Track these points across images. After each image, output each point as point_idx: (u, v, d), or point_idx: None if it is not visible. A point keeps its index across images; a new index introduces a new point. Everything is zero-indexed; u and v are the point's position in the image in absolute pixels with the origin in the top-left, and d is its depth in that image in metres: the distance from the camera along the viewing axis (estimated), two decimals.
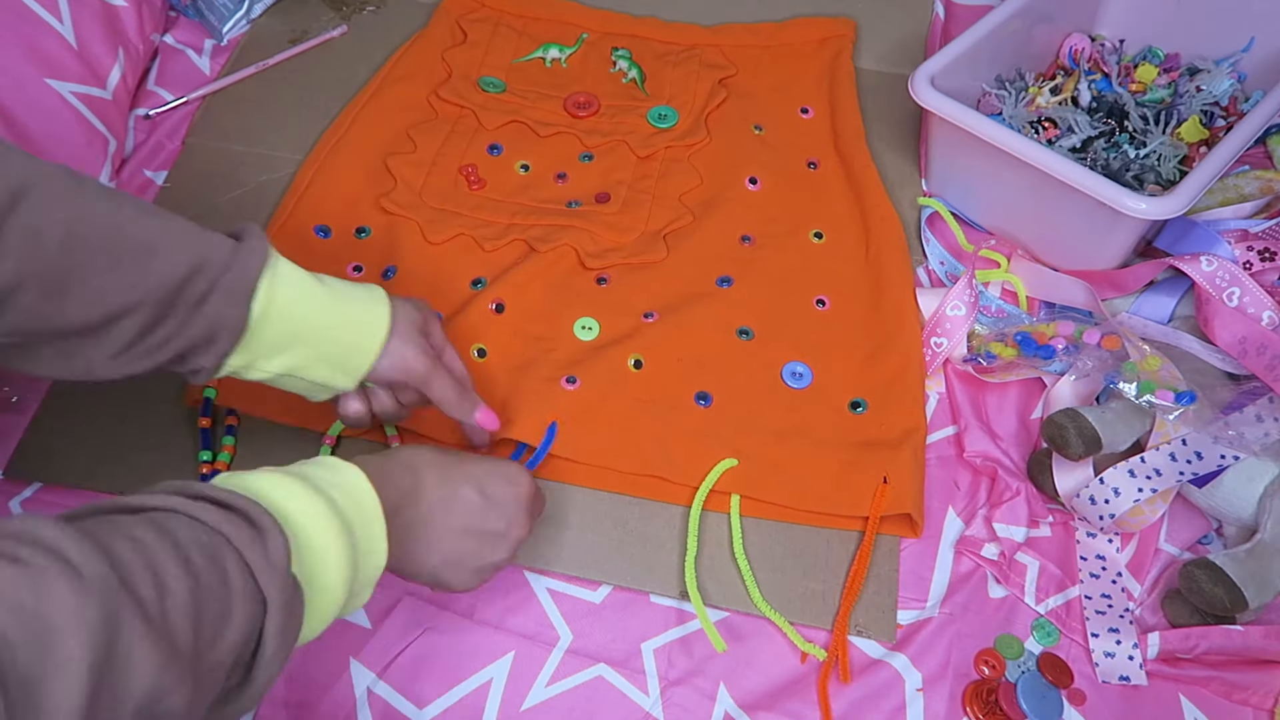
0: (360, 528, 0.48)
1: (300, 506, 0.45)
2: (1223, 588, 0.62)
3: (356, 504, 0.48)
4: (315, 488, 0.46)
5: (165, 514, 0.40)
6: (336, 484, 0.48)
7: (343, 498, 0.47)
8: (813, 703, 0.63)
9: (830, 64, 0.98)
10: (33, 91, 0.80)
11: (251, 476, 0.46)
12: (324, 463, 0.49)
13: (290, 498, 0.45)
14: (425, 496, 0.54)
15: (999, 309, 0.81)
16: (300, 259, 0.80)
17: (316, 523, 0.45)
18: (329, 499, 0.46)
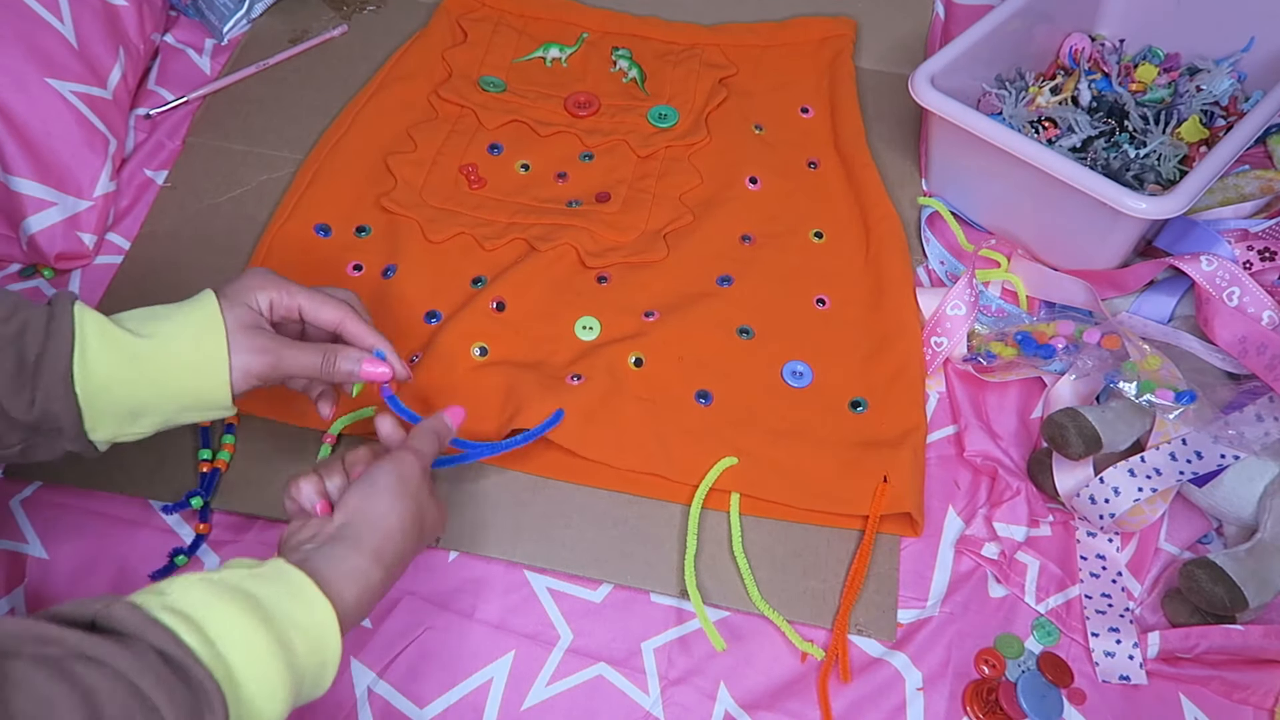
0: (310, 680, 0.46)
1: (259, 678, 0.42)
2: (1223, 587, 0.62)
3: (319, 657, 0.45)
4: (280, 641, 0.43)
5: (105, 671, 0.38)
6: (302, 625, 0.45)
7: (304, 647, 0.45)
8: (813, 702, 0.63)
9: (830, 63, 0.98)
10: (33, 91, 0.80)
11: (218, 610, 0.42)
12: (298, 589, 0.46)
13: (252, 664, 0.42)
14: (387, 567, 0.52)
15: (999, 308, 0.81)
16: (301, 258, 0.81)
17: (270, 695, 0.42)
18: (289, 654, 0.43)
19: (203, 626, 0.41)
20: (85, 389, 0.52)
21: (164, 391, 0.55)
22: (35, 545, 0.68)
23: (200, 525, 0.69)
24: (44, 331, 0.52)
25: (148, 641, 0.39)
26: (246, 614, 0.43)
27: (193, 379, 0.55)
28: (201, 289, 0.80)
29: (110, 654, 0.38)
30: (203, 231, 0.85)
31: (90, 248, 0.83)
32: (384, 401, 0.63)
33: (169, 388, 0.55)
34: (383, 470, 0.54)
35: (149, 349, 0.54)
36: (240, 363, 0.56)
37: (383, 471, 0.54)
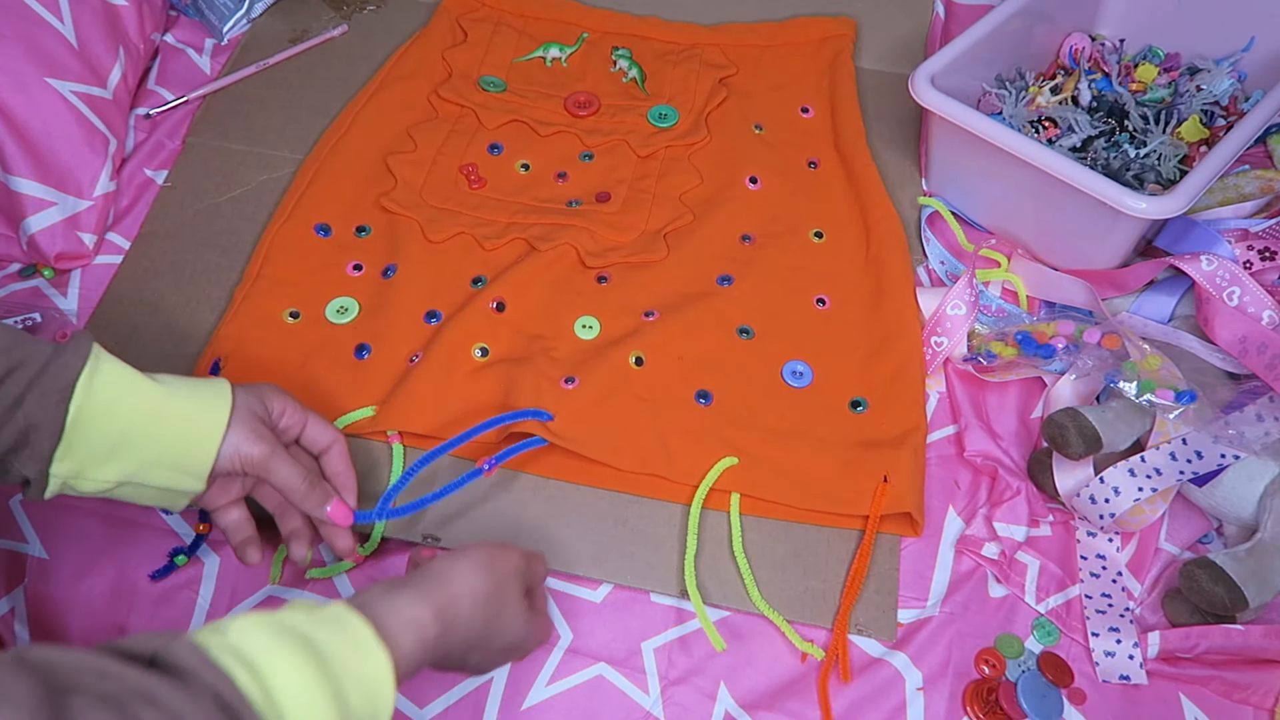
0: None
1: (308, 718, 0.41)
2: (1223, 587, 0.62)
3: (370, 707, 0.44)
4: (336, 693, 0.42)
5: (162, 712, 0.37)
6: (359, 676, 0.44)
7: (358, 701, 0.43)
8: (813, 702, 0.63)
9: (830, 63, 0.98)
10: (33, 91, 0.80)
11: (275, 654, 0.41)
12: (358, 639, 0.45)
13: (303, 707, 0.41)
14: (442, 661, 0.51)
15: (999, 308, 0.81)
16: (300, 258, 0.81)
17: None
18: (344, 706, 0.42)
19: (262, 673, 0.40)
20: (80, 405, 0.52)
21: (153, 432, 0.55)
22: (35, 545, 0.68)
23: (200, 525, 0.69)
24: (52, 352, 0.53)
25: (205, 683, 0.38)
26: (306, 663, 0.42)
27: (184, 431, 0.55)
28: (202, 289, 0.81)
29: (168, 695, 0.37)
30: (203, 231, 0.85)
31: (90, 247, 0.83)
32: None
33: (158, 431, 0.55)
34: (475, 545, 0.54)
35: (156, 390, 0.55)
36: (235, 440, 0.57)
37: (474, 545, 0.54)
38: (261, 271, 0.81)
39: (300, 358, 0.76)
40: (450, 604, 0.50)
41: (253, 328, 0.77)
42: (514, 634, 0.54)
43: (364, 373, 0.75)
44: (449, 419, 0.72)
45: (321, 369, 0.75)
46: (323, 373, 0.75)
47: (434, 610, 0.49)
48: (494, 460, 0.67)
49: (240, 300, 0.79)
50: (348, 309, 0.79)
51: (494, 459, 0.67)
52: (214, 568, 0.68)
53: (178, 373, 0.58)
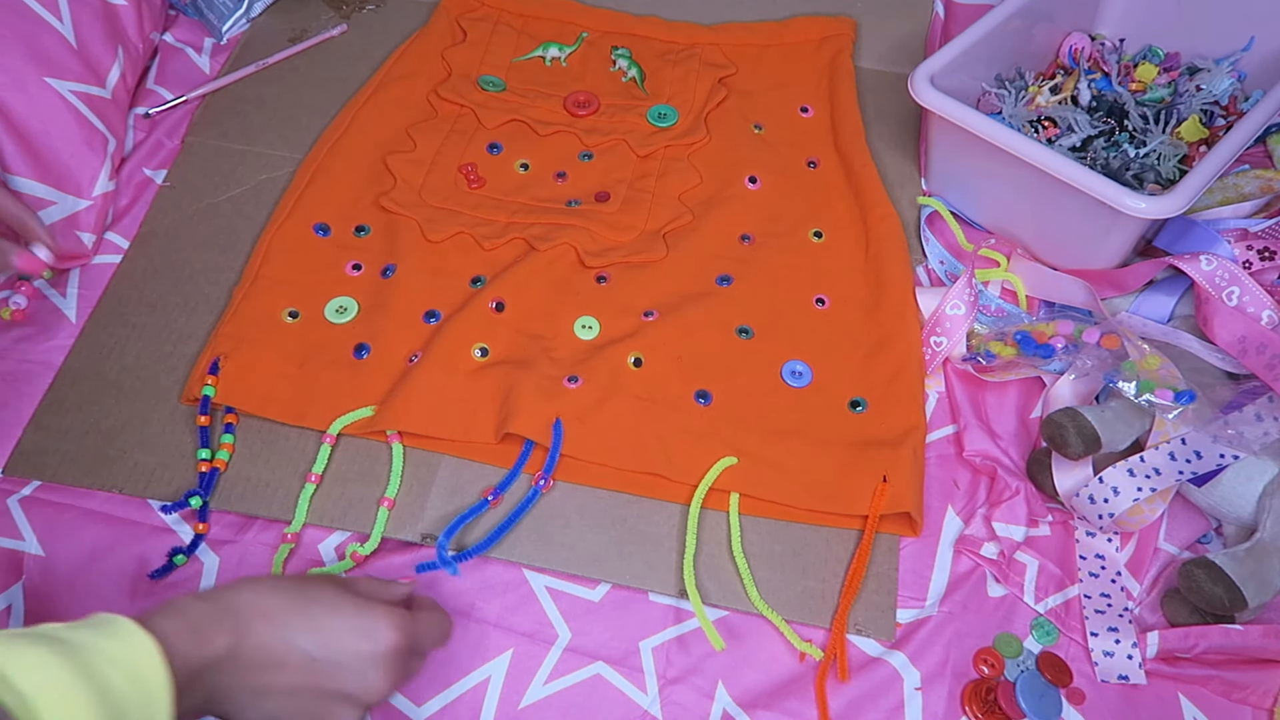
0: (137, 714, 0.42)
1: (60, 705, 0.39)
2: (1222, 587, 0.62)
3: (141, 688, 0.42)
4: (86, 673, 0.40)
5: None
6: (118, 662, 0.42)
7: (120, 678, 0.41)
8: (811, 701, 0.63)
9: (830, 63, 0.98)
10: (32, 90, 0.80)
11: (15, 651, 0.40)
12: (116, 629, 0.43)
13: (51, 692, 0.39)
14: (246, 653, 0.47)
15: (999, 308, 0.81)
16: (299, 258, 0.82)
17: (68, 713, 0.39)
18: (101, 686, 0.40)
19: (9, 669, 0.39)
20: None
21: None
22: (32, 543, 0.68)
23: (199, 525, 0.69)
24: None
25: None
26: (44, 649, 0.41)
27: None
28: (201, 288, 0.81)
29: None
30: (202, 231, 0.85)
31: (89, 247, 0.83)
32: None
33: None
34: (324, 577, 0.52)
35: None
36: None
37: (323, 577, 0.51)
38: (260, 271, 0.81)
39: (299, 357, 0.76)
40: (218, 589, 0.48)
41: (252, 327, 0.77)
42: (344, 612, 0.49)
43: (363, 372, 0.75)
44: (448, 419, 0.72)
45: (320, 369, 0.75)
46: (322, 372, 0.75)
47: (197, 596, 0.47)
48: (545, 474, 0.69)
49: (239, 300, 0.79)
50: (347, 309, 0.79)
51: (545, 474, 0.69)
52: (213, 567, 0.68)
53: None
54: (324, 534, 0.70)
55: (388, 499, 0.70)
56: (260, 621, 0.48)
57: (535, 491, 0.69)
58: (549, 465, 0.69)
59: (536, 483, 0.70)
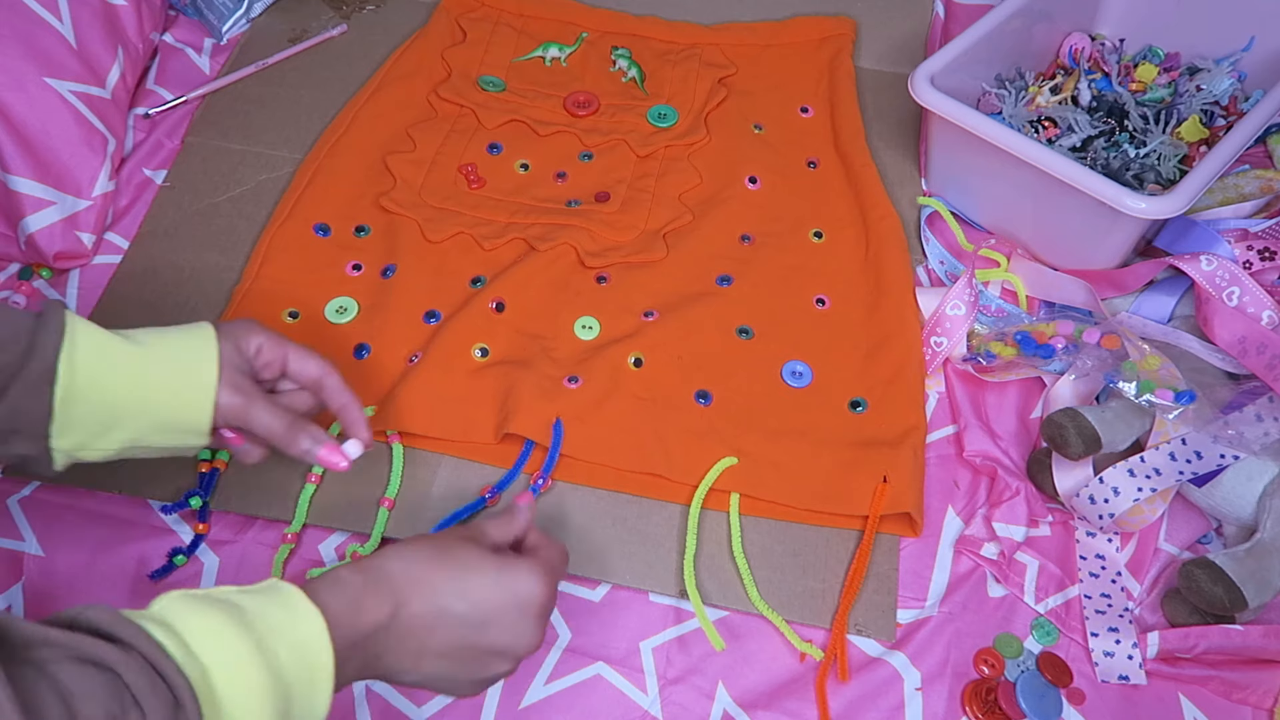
0: (302, 692, 0.43)
1: (235, 679, 0.40)
2: (1222, 587, 0.62)
3: (307, 666, 0.43)
4: (259, 646, 0.41)
5: (94, 669, 0.37)
6: (288, 637, 0.43)
7: (289, 655, 0.43)
8: (811, 701, 0.63)
9: (830, 63, 0.98)
10: (32, 90, 0.80)
11: (195, 616, 0.41)
12: (286, 600, 0.44)
13: (227, 665, 0.40)
14: (403, 621, 0.48)
15: (999, 308, 0.81)
16: (300, 258, 0.81)
17: (248, 701, 0.40)
18: (272, 661, 0.42)
19: (176, 628, 0.40)
20: (66, 387, 0.51)
21: (145, 401, 0.53)
22: (32, 543, 0.68)
23: (199, 525, 0.69)
24: (30, 327, 0.51)
25: (125, 639, 0.38)
26: (224, 619, 0.42)
27: (177, 393, 0.54)
28: (201, 289, 0.81)
29: (96, 650, 0.38)
30: (202, 231, 0.85)
31: (89, 247, 0.83)
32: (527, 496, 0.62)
33: (151, 398, 0.53)
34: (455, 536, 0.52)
35: (140, 355, 0.53)
36: (218, 394, 0.55)
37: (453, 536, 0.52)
38: (261, 271, 0.81)
39: None
40: (369, 558, 0.49)
41: None
42: (486, 571, 0.50)
43: (363, 373, 0.75)
44: (449, 419, 0.72)
45: None
46: None
47: (352, 567, 0.48)
48: (544, 474, 0.69)
49: (239, 300, 0.79)
50: (347, 309, 0.79)
51: (544, 474, 0.69)
52: (213, 567, 0.68)
53: None
54: (324, 534, 0.70)
55: (388, 499, 0.70)
56: (414, 589, 0.48)
57: (533, 490, 0.69)
58: (548, 465, 0.70)
59: (534, 482, 0.70)
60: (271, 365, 0.59)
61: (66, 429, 0.52)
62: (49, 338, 0.51)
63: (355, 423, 0.60)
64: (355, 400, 0.61)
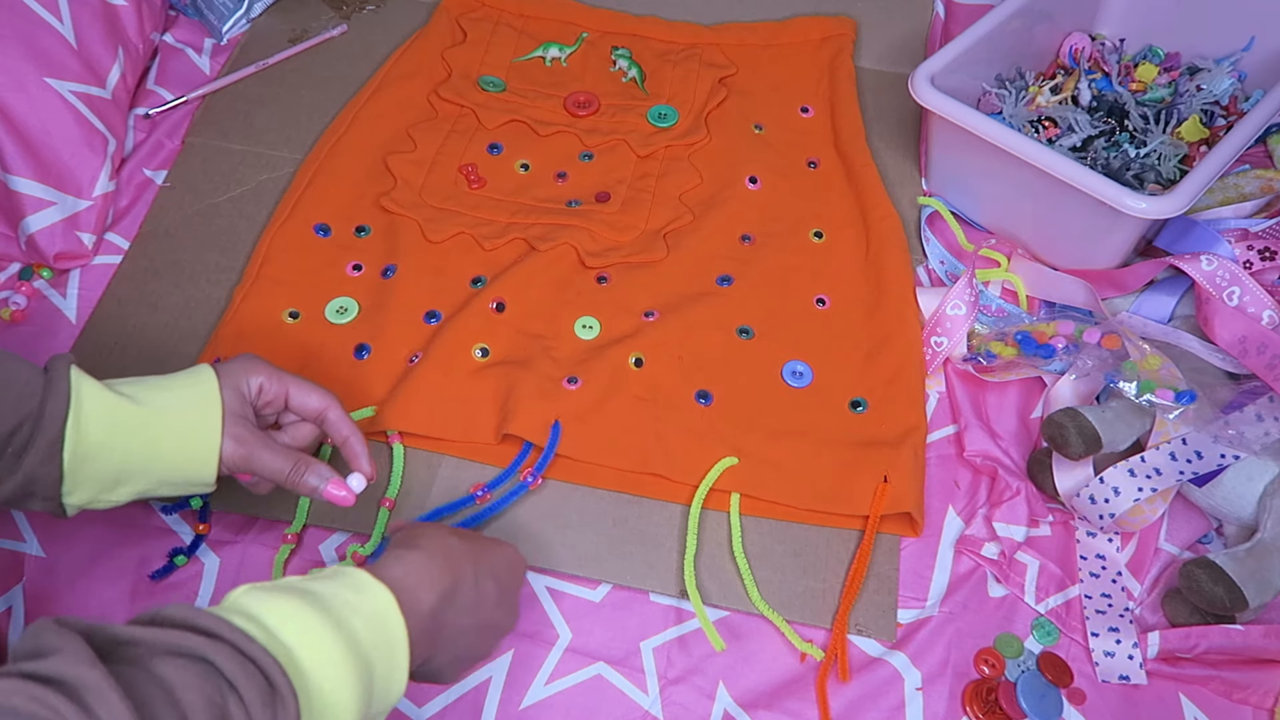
0: (382, 664, 0.45)
1: (320, 657, 0.41)
2: (1223, 587, 0.62)
3: (384, 638, 0.45)
4: (337, 624, 0.43)
5: (186, 660, 0.38)
6: (363, 612, 0.45)
7: (366, 630, 0.44)
8: (812, 701, 0.63)
9: (830, 63, 0.98)
10: (32, 90, 0.80)
11: (271, 602, 0.42)
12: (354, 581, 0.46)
13: (311, 645, 0.42)
14: (457, 597, 0.51)
15: (999, 308, 0.81)
16: (300, 258, 0.81)
17: (335, 675, 0.42)
18: (351, 637, 0.43)
19: (257, 615, 0.41)
20: (74, 454, 0.52)
21: (152, 460, 0.55)
22: (33, 544, 0.68)
23: (200, 525, 0.69)
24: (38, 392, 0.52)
25: (210, 630, 0.39)
26: (300, 602, 0.43)
27: (183, 453, 0.55)
28: (201, 289, 0.81)
29: (187, 642, 0.38)
30: (202, 231, 0.85)
31: (89, 247, 0.83)
32: None
33: (157, 457, 0.55)
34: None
35: (144, 417, 0.54)
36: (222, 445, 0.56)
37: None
38: (261, 271, 0.81)
39: (300, 358, 0.76)
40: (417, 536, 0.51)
41: (252, 328, 0.77)
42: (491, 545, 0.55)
43: (364, 373, 0.75)
44: (449, 419, 0.72)
45: (321, 369, 0.75)
46: (322, 373, 0.75)
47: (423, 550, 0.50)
48: (537, 470, 0.69)
49: (240, 300, 0.79)
50: (347, 309, 0.79)
51: (536, 470, 0.69)
52: (214, 567, 0.68)
53: None
54: (324, 534, 0.70)
55: (388, 499, 0.70)
56: (463, 563, 0.51)
57: (522, 486, 0.69)
58: (541, 463, 0.69)
59: (525, 478, 0.70)
60: (273, 403, 0.61)
61: (77, 488, 0.54)
62: (56, 406, 0.52)
63: (358, 456, 0.62)
64: (357, 432, 0.62)
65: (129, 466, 0.54)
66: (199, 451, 0.56)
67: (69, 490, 0.53)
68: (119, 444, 0.53)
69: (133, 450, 0.54)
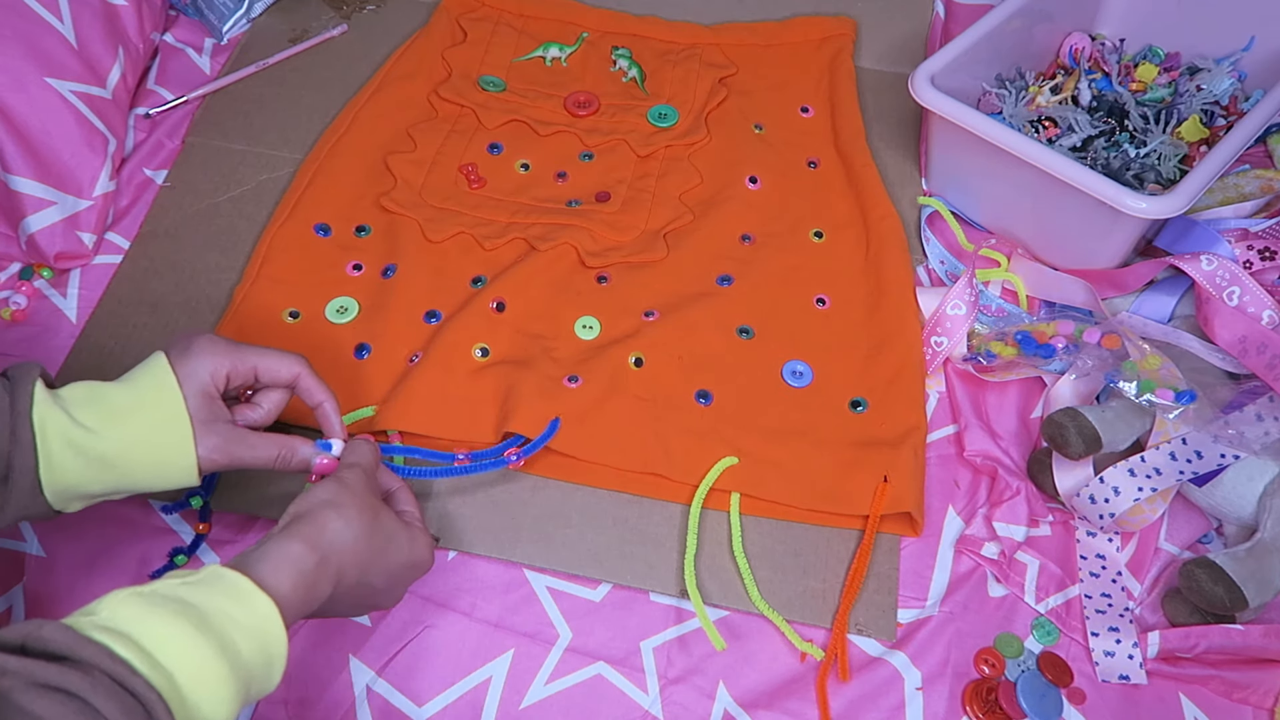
0: (259, 675, 0.45)
1: (201, 681, 0.41)
2: (1223, 587, 0.62)
3: (264, 651, 0.45)
4: (220, 644, 0.43)
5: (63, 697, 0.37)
6: (244, 625, 0.44)
7: (247, 644, 0.44)
8: (812, 701, 0.63)
9: (830, 63, 0.98)
10: (33, 90, 0.80)
11: (153, 621, 0.42)
12: (237, 591, 0.46)
13: (192, 668, 0.41)
14: (337, 594, 0.52)
15: (999, 308, 0.81)
16: (300, 258, 0.82)
17: (215, 696, 0.42)
18: (233, 655, 0.43)
19: (139, 640, 0.41)
20: (54, 491, 0.53)
21: (131, 484, 0.56)
22: (33, 544, 0.68)
23: (200, 525, 0.69)
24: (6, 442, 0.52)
25: (87, 661, 0.38)
26: (182, 621, 0.42)
27: (159, 475, 0.56)
28: (201, 289, 0.81)
29: (63, 678, 0.37)
30: (202, 231, 0.85)
31: (90, 247, 0.83)
32: None
33: (136, 482, 0.56)
34: (319, 485, 0.55)
35: (113, 453, 0.54)
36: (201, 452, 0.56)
37: (318, 485, 0.55)
38: (261, 271, 0.81)
39: None
40: (319, 531, 0.51)
41: (252, 328, 0.77)
42: (400, 543, 0.56)
43: (364, 373, 0.75)
44: (449, 419, 0.72)
45: (321, 369, 0.74)
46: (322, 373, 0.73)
47: (305, 541, 0.50)
48: (522, 453, 0.68)
49: (240, 300, 0.79)
50: (347, 309, 0.79)
51: (521, 452, 0.68)
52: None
53: None
54: None
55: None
56: (351, 569, 0.52)
57: (503, 461, 0.68)
58: (531, 448, 0.69)
59: (509, 455, 0.68)
60: (242, 385, 0.61)
61: (69, 505, 0.55)
62: (24, 459, 0.52)
63: (332, 422, 0.62)
64: (331, 396, 0.62)
65: (110, 489, 0.55)
66: (175, 470, 0.56)
67: (62, 508, 0.55)
68: (94, 477, 0.54)
69: (109, 480, 0.55)
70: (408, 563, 0.57)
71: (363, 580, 0.53)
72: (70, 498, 0.54)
